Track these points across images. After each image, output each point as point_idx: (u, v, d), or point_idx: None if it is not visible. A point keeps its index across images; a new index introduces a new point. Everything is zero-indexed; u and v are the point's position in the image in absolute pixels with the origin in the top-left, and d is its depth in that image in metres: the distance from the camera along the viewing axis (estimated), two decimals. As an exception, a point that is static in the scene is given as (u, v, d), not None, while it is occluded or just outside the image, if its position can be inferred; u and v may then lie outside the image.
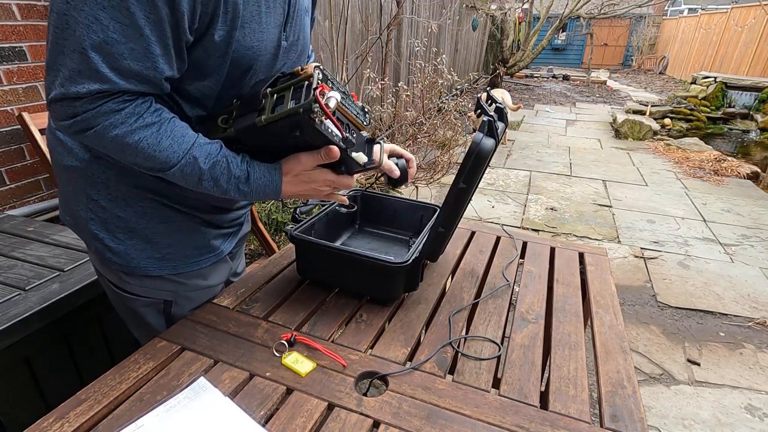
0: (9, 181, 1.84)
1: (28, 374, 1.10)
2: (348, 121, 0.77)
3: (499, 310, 0.98)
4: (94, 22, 0.57)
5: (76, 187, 0.80)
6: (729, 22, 10.39)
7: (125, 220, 0.81)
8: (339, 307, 0.96)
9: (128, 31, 0.59)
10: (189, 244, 0.88)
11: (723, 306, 2.58)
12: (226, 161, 0.72)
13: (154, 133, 0.66)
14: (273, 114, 0.69)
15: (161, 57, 0.63)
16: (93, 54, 0.58)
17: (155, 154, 0.67)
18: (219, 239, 0.94)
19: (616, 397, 0.76)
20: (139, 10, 0.58)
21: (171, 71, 0.66)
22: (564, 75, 13.53)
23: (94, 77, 0.59)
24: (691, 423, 1.78)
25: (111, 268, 0.87)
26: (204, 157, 0.70)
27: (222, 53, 0.69)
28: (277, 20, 0.75)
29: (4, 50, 1.72)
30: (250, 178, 0.74)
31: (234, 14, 0.67)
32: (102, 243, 0.82)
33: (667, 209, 3.95)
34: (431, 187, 3.90)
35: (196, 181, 0.72)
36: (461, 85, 8.50)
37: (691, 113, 7.39)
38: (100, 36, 0.57)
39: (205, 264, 0.92)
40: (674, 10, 17.21)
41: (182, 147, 0.68)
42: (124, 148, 0.66)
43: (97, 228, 0.81)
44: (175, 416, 0.66)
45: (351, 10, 3.89)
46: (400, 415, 0.69)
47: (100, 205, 0.80)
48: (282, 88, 0.71)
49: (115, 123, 0.63)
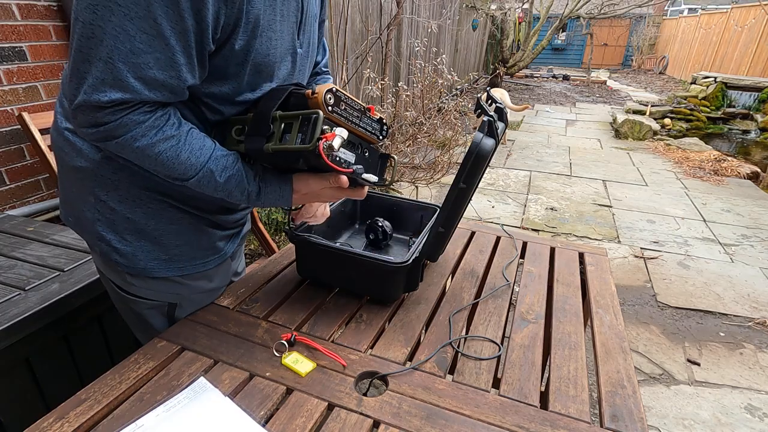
0: (9, 181, 1.84)
1: (28, 374, 1.10)
2: (360, 140, 0.78)
3: (499, 310, 0.98)
4: (122, 32, 0.58)
5: (84, 187, 0.80)
6: (729, 22, 10.39)
7: (134, 221, 0.81)
8: (339, 307, 0.96)
9: (154, 42, 0.60)
10: (196, 246, 0.88)
11: (723, 306, 2.58)
12: (240, 175, 0.75)
13: (173, 146, 0.68)
14: (280, 145, 0.70)
15: (185, 66, 0.64)
16: (119, 64, 0.59)
17: (174, 166, 0.69)
18: (223, 240, 0.94)
19: (616, 397, 0.76)
20: (165, 21, 0.59)
21: (193, 79, 0.67)
22: (564, 75, 13.53)
23: (118, 86, 0.60)
24: (691, 423, 1.78)
25: (116, 270, 0.87)
26: (220, 170, 0.73)
27: (241, 61, 0.71)
28: (291, 27, 0.77)
29: (4, 50, 1.72)
30: (261, 193, 0.78)
31: (255, 24, 0.68)
32: (109, 244, 0.82)
33: (667, 209, 3.95)
34: (431, 187, 3.90)
35: (211, 191, 0.75)
36: (461, 85, 8.50)
37: (691, 113, 7.39)
38: (127, 46, 0.59)
39: (211, 265, 0.92)
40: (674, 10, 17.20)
41: (200, 160, 0.71)
42: (145, 159, 0.68)
43: (104, 229, 0.81)
44: (175, 416, 0.66)
45: (351, 10, 3.89)
46: (400, 415, 0.69)
47: (109, 206, 0.80)
48: (290, 116, 0.72)
49: (136, 136, 0.65)
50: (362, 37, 4.32)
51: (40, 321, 1.08)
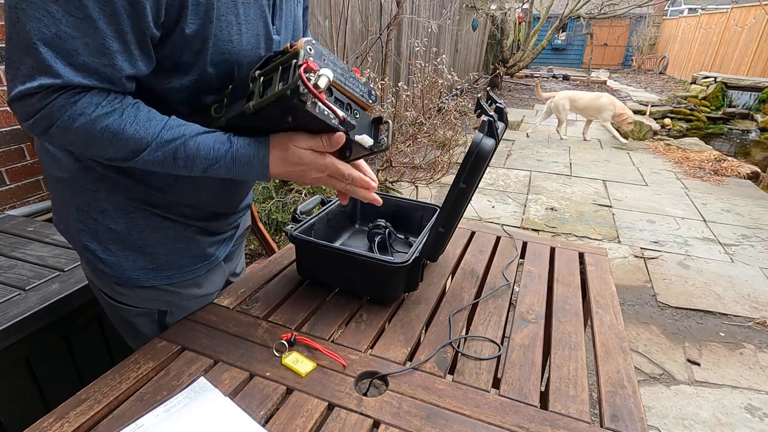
0: (9, 181, 1.83)
1: (28, 374, 1.10)
2: (349, 101, 0.70)
3: (499, 310, 0.98)
4: (46, 15, 0.53)
5: (65, 198, 0.78)
6: (729, 22, 10.39)
7: (117, 231, 0.78)
8: (339, 307, 0.96)
9: (82, 25, 0.54)
10: (184, 254, 0.86)
11: (723, 306, 2.58)
12: (203, 137, 0.67)
13: (116, 120, 0.61)
14: (261, 99, 0.63)
15: (120, 54, 0.58)
16: (44, 48, 0.54)
17: (123, 141, 0.62)
18: (214, 246, 0.92)
19: (616, 397, 0.76)
20: (91, 2, 0.54)
21: (133, 69, 0.61)
22: (564, 75, 13.53)
23: (48, 72, 0.56)
24: (691, 423, 1.78)
25: (103, 279, 0.84)
26: (178, 137, 0.65)
27: (198, 48, 0.65)
28: (261, 12, 0.70)
29: (3, 50, 1.72)
30: (233, 148, 0.68)
31: (207, 6, 0.62)
32: (93, 254, 0.80)
33: (667, 209, 3.95)
34: (431, 187, 3.90)
35: (171, 163, 0.66)
36: (461, 85, 8.49)
37: (691, 113, 7.39)
38: (53, 30, 0.54)
39: (201, 272, 0.90)
40: (674, 10, 17.20)
41: (150, 131, 0.64)
42: (91, 140, 0.62)
43: (88, 239, 0.79)
44: (175, 416, 0.66)
45: (351, 10, 3.89)
46: (400, 415, 0.69)
47: (91, 217, 0.77)
48: (270, 69, 0.65)
49: (73, 115, 0.59)
50: (362, 37, 4.32)
51: (40, 321, 1.08)
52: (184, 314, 0.91)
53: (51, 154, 0.76)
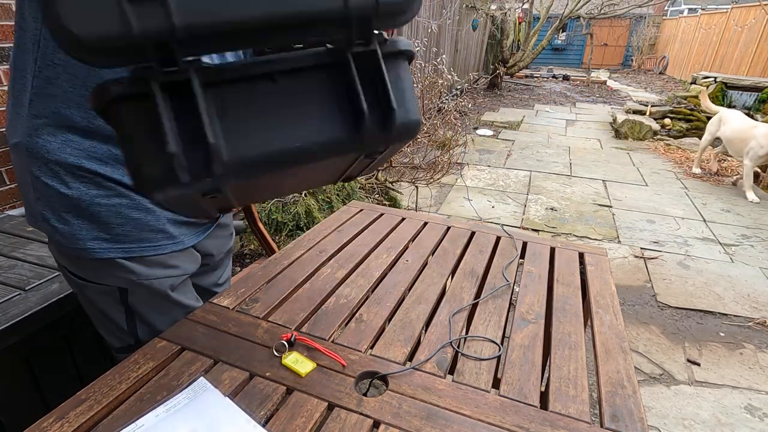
0: (9, 181, 1.83)
1: (28, 374, 1.10)
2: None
3: (499, 310, 0.98)
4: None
5: (23, 166, 0.76)
6: (729, 22, 10.39)
7: (68, 197, 0.76)
8: (339, 307, 0.96)
9: None
10: (142, 226, 0.82)
11: (723, 306, 2.58)
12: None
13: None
14: None
15: None
16: None
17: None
18: (177, 226, 0.87)
19: (616, 397, 0.76)
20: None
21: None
22: (564, 75, 13.52)
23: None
24: (691, 423, 1.78)
25: (63, 254, 0.83)
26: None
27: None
28: None
29: (4, 50, 1.72)
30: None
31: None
32: (49, 224, 0.78)
33: (667, 209, 3.95)
34: (431, 187, 3.90)
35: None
36: (461, 85, 8.50)
37: (691, 113, 7.38)
38: None
39: (164, 251, 0.86)
40: (674, 10, 17.20)
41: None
42: None
43: (43, 207, 0.77)
44: (175, 416, 0.66)
45: (351, 10, 3.88)
46: (400, 415, 0.69)
47: (43, 182, 0.75)
48: None
49: None
50: (362, 37, 4.31)
51: (40, 321, 1.08)
52: (150, 297, 0.88)
53: (11, 122, 0.75)
